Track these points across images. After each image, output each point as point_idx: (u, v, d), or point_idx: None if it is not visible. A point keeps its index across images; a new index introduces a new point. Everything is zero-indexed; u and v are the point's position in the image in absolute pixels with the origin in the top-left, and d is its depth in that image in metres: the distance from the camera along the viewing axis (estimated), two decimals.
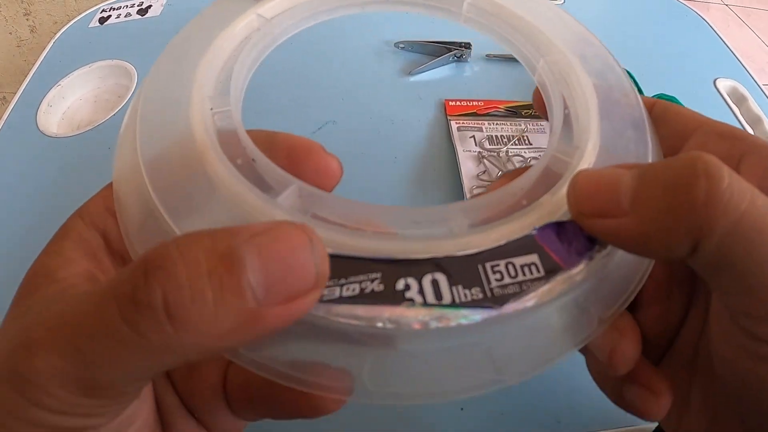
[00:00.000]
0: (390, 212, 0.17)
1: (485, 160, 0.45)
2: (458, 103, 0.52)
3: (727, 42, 0.62)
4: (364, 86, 0.54)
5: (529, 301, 0.16)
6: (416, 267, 0.16)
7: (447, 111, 0.51)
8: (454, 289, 0.15)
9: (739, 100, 0.55)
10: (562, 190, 0.18)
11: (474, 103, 0.52)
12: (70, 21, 0.68)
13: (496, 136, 0.48)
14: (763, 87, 0.56)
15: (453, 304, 0.15)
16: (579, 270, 0.17)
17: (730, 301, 0.17)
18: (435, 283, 0.15)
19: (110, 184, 0.20)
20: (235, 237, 0.14)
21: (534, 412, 0.33)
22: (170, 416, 0.21)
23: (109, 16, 0.67)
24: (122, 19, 0.66)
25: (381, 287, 0.15)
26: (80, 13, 0.69)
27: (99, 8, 0.69)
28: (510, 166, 0.45)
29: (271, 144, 0.20)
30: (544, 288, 0.16)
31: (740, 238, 0.15)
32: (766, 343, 0.16)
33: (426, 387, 0.17)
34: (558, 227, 0.17)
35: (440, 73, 0.56)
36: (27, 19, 0.92)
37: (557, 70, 0.22)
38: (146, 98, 0.20)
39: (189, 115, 0.19)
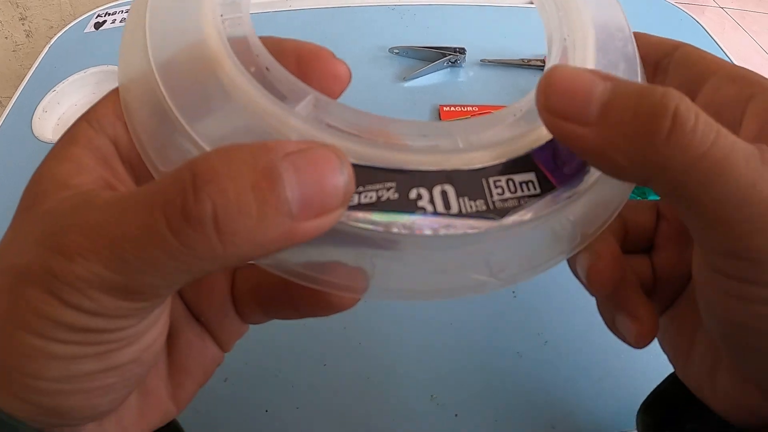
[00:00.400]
0: (400, 124, 0.19)
1: None
2: (453, 108, 0.52)
3: (722, 46, 0.63)
4: (358, 92, 0.54)
5: (526, 214, 0.17)
6: (428, 178, 0.17)
7: (441, 117, 0.51)
8: (461, 200, 0.17)
9: None
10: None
11: (468, 109, 0.52)
12: (66, 26, 0.68)
13: None
14: None
15: (460, 214, 0.17)
16: (569, 189, 0.18)
17: (697, 236, 0.18)
18: (444, 194, 0.17)
19: (116, 90, 0.19)
20: (273, 153, 0.14)
21: (528, 419, 0.33)
22: (176, 323, 0.22)
23: (105, 21, 0.67)
24: (118, 24, 0.66)
25: (396, 196, 0.16)
26: (76, 18, 0.69)
27: (94, 13, 0.69)
28: None
29: (280, 51, 0.20)
30: (539, 203, 0.18)
31: (698, 177, 0.15)
32: (731, 279, 0.17)
33: (428, 285, 0.18)
34: (554, 147, 0.19)
35: (435, 78, 0.57)
36: (23, 24, 0.92)
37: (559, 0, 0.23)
38: (153, 6, 0.19)
39: (200, 21, 0.18)
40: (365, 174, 0.16)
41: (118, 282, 0.15)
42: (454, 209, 0.17)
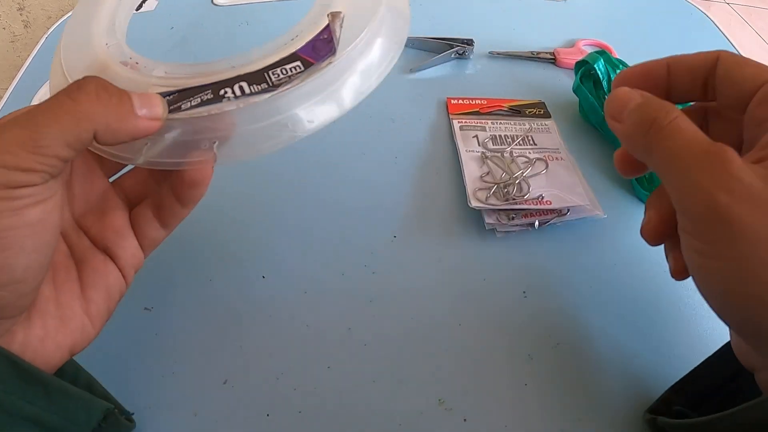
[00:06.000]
0: (217, 62, 0.29)
1: (488, 161, 0.44)
2: (460, 101, 0.51)
3: (731, 40, 0.61)
4: None
5: (295, 82, 0.28)
6: (230, 81, 0.28)
7: (449, 110, 0.50)
8: (251, 87, 0.28)
9: None
10: (316, 18, 0.31)
11: (476, 102, 0.51)
12: (64, 15, 0.67)
13: (500, 136, 0.47)
14: None
15: (251, 93, 0.27)
16: (325, 63, 0.28)
17: (672, 198, 0.25)
18: (241, 87, 0.28)
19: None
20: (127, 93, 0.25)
21: (539, 423, 0.32)
22: (84, 253, 0.29)
23: None
24: None
25: (211, 96, 0.27)
26: (74, 8, 0.68)
27: None
28: (514, 168, 0.43)
29: None
30: (304, 74, 0.28)
31: (659, 156, 0.25)
32: (685, 233, 0.24)
33: (254, 149, 0.29)
34: (314, 44, 0.29)
35: (442, 70, 0.55)
36: (20, 14, 0.90)
37: None
38: (64, 46, 0.32)
39: (92, 47, 0.32)
40: (193, 90, 0.28)
41: (30, 137, 0.22)
42: (247, 92, 0.28)
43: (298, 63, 0.29)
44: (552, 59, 0.56)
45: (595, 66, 0.47)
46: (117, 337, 0.36)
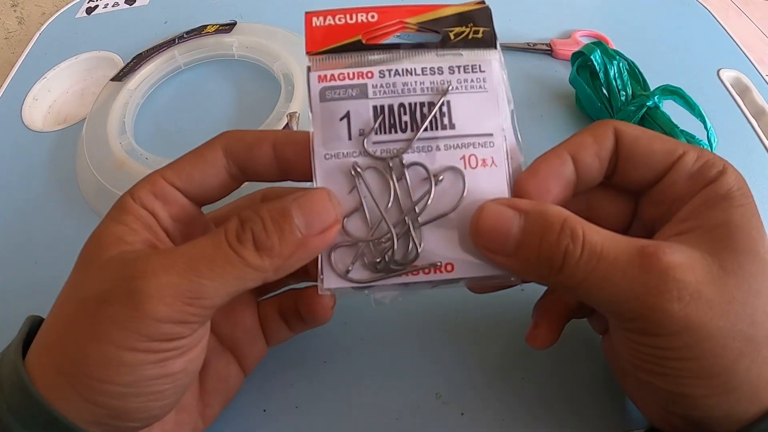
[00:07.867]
0: None
1: (361, 181, 0.25)
2: (328, 20, 0.27)
3: (728, 30, 0.61)
4: None
5: None
6: None
7: (306, 45, 0.26)
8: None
9: (743, 91, 0.54)
10: (279, 116, 0.43)
11: (359, 18, 0.27)
12: (58, 11, 0.66)
13: (393, 108, 0.25)
14: (766, 77, 0.55)
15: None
16: None
17: (607, 314, 0.24)
18: None
19: (153, 173, 0.25)
20: (286, 200, 0.23)
21: (537, 417, 0.32)
22: (208, 355, 0.27)
23: (97, 6, 0.65)
24: (110, 8, 0.64)
25: None
26: (68, 4, 0.67)
27: None
28: (404, 199, 0.25)
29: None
30: None
31: (582, 291, 0.22)
32: (630, 339, 0.23)
33: None
34: None
35: None
36: (14, 11, 0.90)
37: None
38: (87, 137, 0.43)
39: (110, 146, 0.43)
40: None
41: (187, 288, 0.21)
42: None
43: None
44: (548, 50, 0.55)
45: (592, 57, 0.46)
46: None
